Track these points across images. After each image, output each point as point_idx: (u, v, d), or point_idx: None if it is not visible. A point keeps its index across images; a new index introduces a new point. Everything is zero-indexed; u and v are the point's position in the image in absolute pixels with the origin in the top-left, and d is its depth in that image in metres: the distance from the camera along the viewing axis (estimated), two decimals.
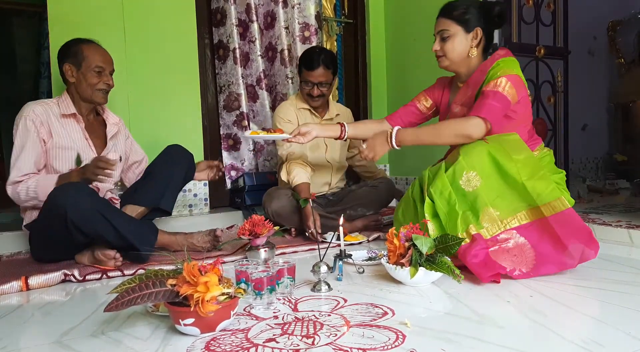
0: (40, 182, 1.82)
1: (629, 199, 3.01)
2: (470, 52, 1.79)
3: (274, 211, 2.28)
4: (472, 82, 1.79)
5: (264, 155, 3.02)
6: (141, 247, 1.80)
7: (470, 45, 1.78)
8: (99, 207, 1.72)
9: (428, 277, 1.39)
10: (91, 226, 1.71)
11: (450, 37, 1.77)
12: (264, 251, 1.74)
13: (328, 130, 2.00)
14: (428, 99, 2.02)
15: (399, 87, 3.31)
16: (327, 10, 3.22)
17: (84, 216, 1.68)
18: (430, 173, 1.68)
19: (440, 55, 1.82)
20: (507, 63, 1.71)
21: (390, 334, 1.04)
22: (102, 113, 2.12)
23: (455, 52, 1.78)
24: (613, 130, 4.41)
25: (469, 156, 1.56)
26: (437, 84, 2.04)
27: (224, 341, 1.04)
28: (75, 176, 1.81)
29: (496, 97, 1.63)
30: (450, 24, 1.77)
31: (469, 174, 1.54)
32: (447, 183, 1.57)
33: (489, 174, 1.53)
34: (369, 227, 2.39)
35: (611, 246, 1.92)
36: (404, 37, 3.23)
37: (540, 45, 2.82)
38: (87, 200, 1.70)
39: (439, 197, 1.57)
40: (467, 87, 1.82)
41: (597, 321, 1.10)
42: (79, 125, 1.99)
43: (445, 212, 1.56)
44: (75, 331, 1.15)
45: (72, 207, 1.66)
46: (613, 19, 4.34)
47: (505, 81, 1.64)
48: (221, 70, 2.97)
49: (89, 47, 1.95)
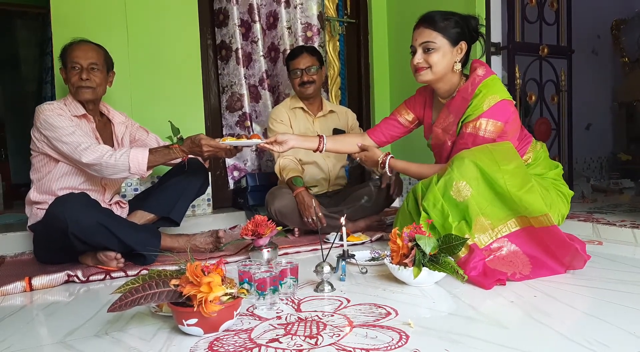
0: (131, 155, 1.79)
1: (633, 199, 3.00)
2: (455, 67, 1.73)
3: (277, 209, 2.29)
4: (454, 108, 1.75)
5: (267, 155, 3.02)
6: (146, 253, 1.80)
7: (455, 60, 1.72)
8: (101, 220, 1.70)
9: (431, 277, 1.39)
10: (93, 238, 1.70)
11: (435, 50, 1.70)
12: (266, 251, 1.74)
13: (306, 141, 1.97)
14: (410, 113, 2.00)
15: (402, 87, 3.30)
16: (329, 10, 3.22)
17: (85, 229, 1.67)
18: (423, 186, 1.66)
19: (424, 67, 1.73)
20: (489, 88, 1.68)
21: (394, 335, 1.04)
22: (107, 113, 2.10)
23: (440, 66, 1.71)
24: (617, 129, 4.40)
25: (459, 167, 1.55)
26: (418, 97, 2.00)
27: (227, 341, 1.04)
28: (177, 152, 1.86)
29: (476, 141, 1.66)
30: (435, 36, 1.69)
31: (459, 184, 1.54)
32: (439, 195, 1.56)
33: (478, 184, 1.53)
34: (371, 227, 2.39)
35: (615, 245, 1.92)
36: (406, 37, 3.18)
37: (544, 45, 2.81)
38: (88, 214, 1.68)
39: (432, 209, 1.57)
40: (448, 113, 1.78)
41: (601, 321, 1.09)
42: (89, 125, 1.97)
43: (441, 224, 1.56)
44: (79, 331, 1.16)
45: (72, 222, 1.65)
46: (617, 18, 4.33)
47: (485, 122, 1.65)
48: (224, 70, 2.97)
49: (71, 47, 1.93)
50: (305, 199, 2.24)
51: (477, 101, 1.67)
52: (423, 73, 1.74)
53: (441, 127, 1.81)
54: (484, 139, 1.67)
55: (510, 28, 2.66)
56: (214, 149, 1.86)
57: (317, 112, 2.55)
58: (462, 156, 1.57)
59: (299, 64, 2.44)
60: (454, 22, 1.70)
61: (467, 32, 1.73)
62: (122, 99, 2.58)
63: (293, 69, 2.46)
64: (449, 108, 1.78)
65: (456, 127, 1.75)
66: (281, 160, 2.39)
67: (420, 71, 1.75)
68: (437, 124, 1.83)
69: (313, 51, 2.51)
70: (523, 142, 1.79)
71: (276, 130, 2.43)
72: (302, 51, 2.47)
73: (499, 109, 1.67)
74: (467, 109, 1.70)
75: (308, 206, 2.23)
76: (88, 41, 1.98)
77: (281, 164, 2.39)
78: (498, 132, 1.68)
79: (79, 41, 1.96)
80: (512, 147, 1.62)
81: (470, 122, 1.69)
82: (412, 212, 1.70)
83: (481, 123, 1.66)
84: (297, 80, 2.46)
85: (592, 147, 4.17)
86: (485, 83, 1.69)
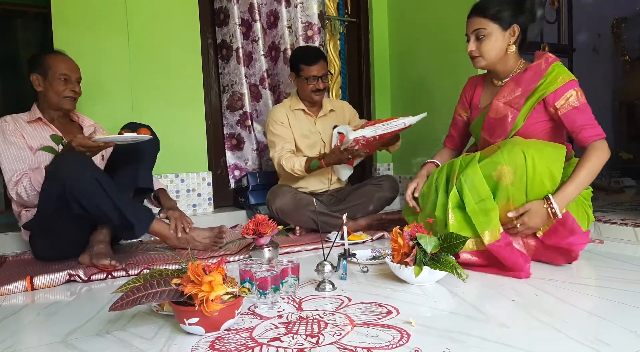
0: (32, 178, 1.83)
1: (634, 197, 3.00)
2: (509, 49, 1.75)
3: (278, 208, 2.29)
4: (524, 80, 1.73)
5: (267, 154, 3.02)
6: (137, 223, 1.80)
7: (508, 43, 1.74)
8: (98, 177, 1.71)
9: (432, 276, 1.39)
10: (91, 198, 1.69)
11: (486, 36, 1.72)
12: (268, 250, 1.74)
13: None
14: (465, 108, 1.99)
15: (402, 86, 3.30)
16: (330, 9, 3.22)
17: (83, 187, 1.67)
18: (463, 161, 1.65)
19: (477, 55, 1.76)
20: (561, 68, 1.69)
21: (395, 333, 1.04)
22: (77, 119, 2.17)
23: (493, 52, 1.73)
24: (618, 128, 4.39)
25: (509, 152, 1.55)
26: (467, 87, 2.00)
27: (229, 340, 1.04)
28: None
29: (577, 113, 1.64)
30: (486, 23, 1.72)
31: (504, 168, 1.53)
32: (480, 174, 1.56)
33: (522, 176, 1.52)
34: (372, 226, 2.39)
35: (617, 244, 1.92)
36: (407, 36, 3.22)
37: (545, 43, 2.81)
38: (86, 171, 1.70)
39: (469, 187, 1.55)
40: (515, 85, 1.75)
41: (602, 320, 1.09)
42: (48, 127, 2.02)
43: (474, 203, 1.54)
44: (80, 331, 1.16)
45: (71, 180, 1.66)
46: (618, 16, 4.32)
47: (575, 92, 1.64)
48: (224, 69, 2.97)
49: (53, 57, 2.01)
50: (334, 157, 2.19)
51: (551, 78, 1.67)
52: (477, 60, 1.78)
53: (504, 100, 1.76)
54: (585, 106, 1.65)
55: None
56: (87, 150, 1.78)
57: (318, 113, 2.55)
58: (515, 142, 1.57)
59: (316, 71, 2.37)
60: (503, 6, 1.72)
61: (519, 14, 1.73)
62: (123, 98, 2.58)
63: (309, 76, 2.38)
64: (517, 82, 1.75)
65: (524, 101, 1.71)
66: (282, 160, 2.34)
67: (474, 59, 1.79)
68: (500, 97, 1.78)
69: (325, 57, 2.46)
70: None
71: (277, 132, 2.42)
72: (319, 58, 2.38)
73: (574, 83, 1.67)
74: (541, 85, 1.68)
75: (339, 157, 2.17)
76: (66, 54, 2.06)
77: (287, 163, 2.33)
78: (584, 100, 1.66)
79: (60, 53, 2.05)
80: (563, 153, 1.59)
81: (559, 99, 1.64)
82: (439, 187, 1.67)
83: (572, 94, 1.64)
84: (312, 87, 2.40)
85: None
86: (557, 63, 1.71)
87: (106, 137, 1.74)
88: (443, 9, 2.82)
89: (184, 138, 2.76)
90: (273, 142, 2.43)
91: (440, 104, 2.84)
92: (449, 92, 2.71)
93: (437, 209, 1.62)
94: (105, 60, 2.51)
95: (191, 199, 2.81)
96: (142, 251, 2.07)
